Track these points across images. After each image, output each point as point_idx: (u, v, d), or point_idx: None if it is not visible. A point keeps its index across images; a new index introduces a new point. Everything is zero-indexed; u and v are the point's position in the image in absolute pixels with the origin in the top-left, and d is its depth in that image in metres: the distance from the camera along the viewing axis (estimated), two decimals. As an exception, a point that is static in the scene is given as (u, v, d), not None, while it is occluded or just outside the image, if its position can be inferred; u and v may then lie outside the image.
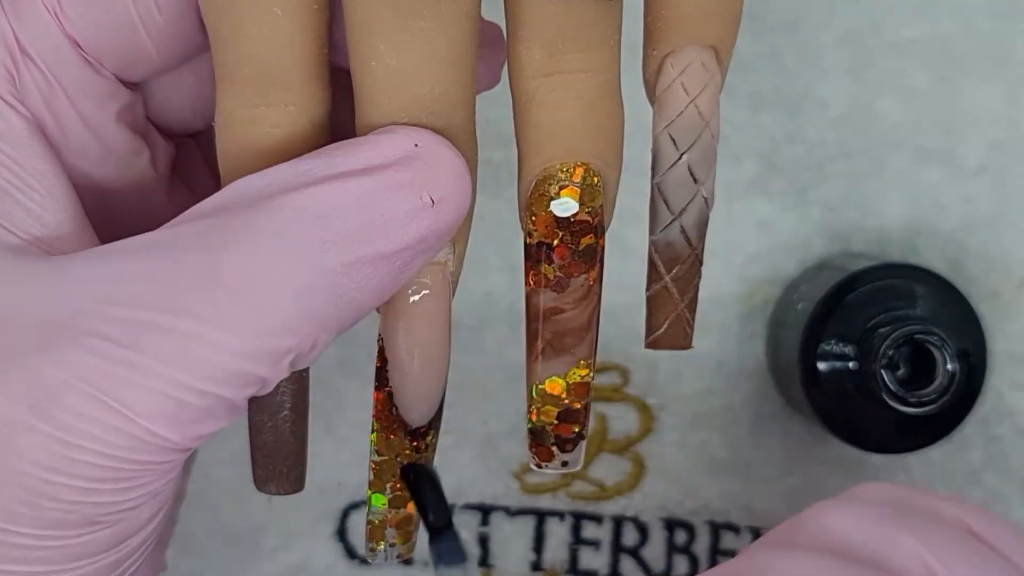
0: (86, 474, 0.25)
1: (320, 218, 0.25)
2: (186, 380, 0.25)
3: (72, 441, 0.25)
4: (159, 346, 0.25)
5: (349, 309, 0.26)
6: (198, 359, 0.25)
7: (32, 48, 0.28)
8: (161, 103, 0.32)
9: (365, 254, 0.26)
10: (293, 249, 0.25)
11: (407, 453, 0.29)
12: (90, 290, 0.26)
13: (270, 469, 0.31)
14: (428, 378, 0.28)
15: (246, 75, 0.27)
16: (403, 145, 0.26)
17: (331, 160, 0.26)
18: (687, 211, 0.28)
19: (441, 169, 0.26)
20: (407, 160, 0.26)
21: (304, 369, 0.31)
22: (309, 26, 0.27)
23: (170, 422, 0.25)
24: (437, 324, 0.28)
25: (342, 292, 0.26)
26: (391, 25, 0.26)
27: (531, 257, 0.28)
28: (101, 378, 0.25)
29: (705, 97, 0.28)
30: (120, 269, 0.26)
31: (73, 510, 0.25)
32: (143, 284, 0.25)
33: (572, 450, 0.29)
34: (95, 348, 0.25)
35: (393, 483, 0.29)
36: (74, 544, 0.26)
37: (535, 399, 0.29)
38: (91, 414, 0.25)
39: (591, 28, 0.27)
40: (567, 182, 0.27)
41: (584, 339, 0.28)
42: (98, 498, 0.26)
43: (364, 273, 0.26)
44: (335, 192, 0.26)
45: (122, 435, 0.25)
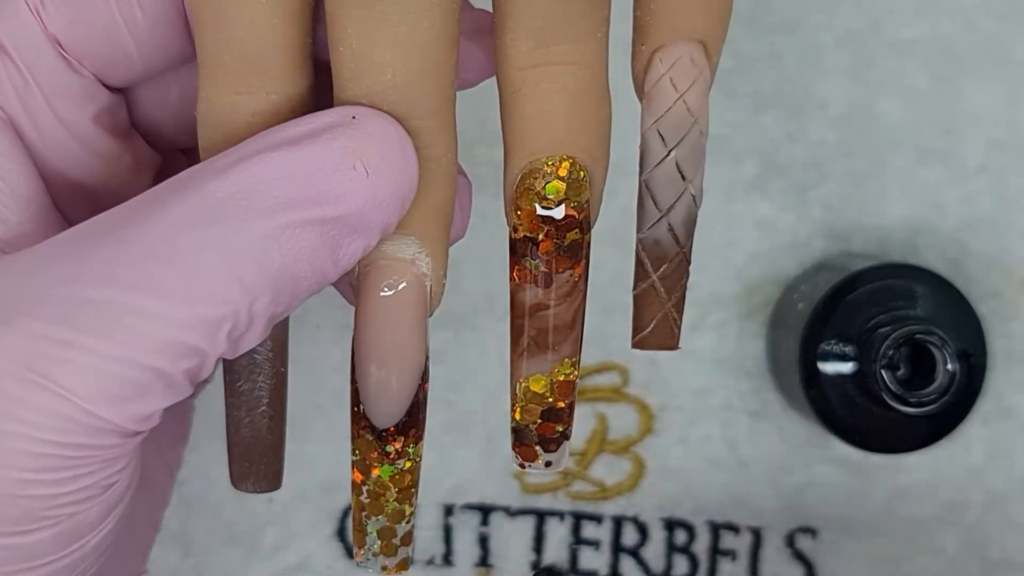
0: (23, 464, 0.25)
1: (247, 188, 0.25)
2: (120, 353, 0.24)
3: (7, 428, 0.24)
4: (91, 319, 0.24)
5: (282, 278, 0.25)
6: (132, 330, 0.24)
7: (10, 44, 0.28)
8: (147, 113, 0.32)
9: (294, 219, 0.25)
10: (221, 217, 0.25)
11: (374, 456, 0.28)
12: (26, 276, 0.25)
13: (247, 466, 0.30)
14: (388, 378, 0.28)
15: (227, 61, 0.27)
16: (339, 116, 0.26)
17: (267, 134, 0.26)
18: (675, 209, 0.28)
19: (377, 139, 0.26)
20: (340, 128, 0.26)
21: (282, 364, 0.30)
22: (292, 13, 0.27)
23: (107, 400, 0.25)
24: (401, 324, 0.27)
25: (272, 259, 0.25)
26: (358, 11, 0.26)
27: (516, 252, 0.28)
28: (34, 359, 0.24)
29: (694, 93, 0.27)
30: (57, 251, 0.26)
31: (14, 504, 0.25)
32: (76, 262, 0.25)
33: (555, 450, 0.29)
34: (28, 328, 0.24)
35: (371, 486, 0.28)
36: (18, 545, 0.25)
37: (519, 397, 0.28)
38: (24, 397, 0.24)
39: (579, 20, 0.27)
40: (553, 176, 0.27)
41: (569, 336, 0.28)
42: (38, 490, 0.25)
43: (295, 240, 0.25)
44: (266, 161, 0.25)
45: (57, 417, 0.25)
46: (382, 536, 0.29)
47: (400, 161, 0.26)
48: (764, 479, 0.49)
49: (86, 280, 0.25)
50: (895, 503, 0.49)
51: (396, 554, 0.29)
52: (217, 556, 0.49)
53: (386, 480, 0.28)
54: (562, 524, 0.49)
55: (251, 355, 0.30)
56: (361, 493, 0.28)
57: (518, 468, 0.29)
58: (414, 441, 0.28)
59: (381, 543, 0.29)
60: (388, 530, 0.29)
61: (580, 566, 0.49)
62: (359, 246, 0.26)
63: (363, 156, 0.26)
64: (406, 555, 0.29)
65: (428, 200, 0.28)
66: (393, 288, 0.27)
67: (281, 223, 0.25)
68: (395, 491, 0.28)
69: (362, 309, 0.27)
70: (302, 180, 0.25)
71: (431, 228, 0.28)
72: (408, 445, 0.28)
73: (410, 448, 0.28)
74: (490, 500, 0.49)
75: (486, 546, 0.49)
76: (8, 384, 0.24)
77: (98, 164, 0.30)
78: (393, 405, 0.28)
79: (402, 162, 0.26)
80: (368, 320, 0.27)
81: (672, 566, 0.49)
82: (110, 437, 0.25)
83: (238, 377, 0.30)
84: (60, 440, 0.25)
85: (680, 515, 0.49)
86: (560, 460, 0.29)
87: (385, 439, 0.28)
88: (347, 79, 0.27)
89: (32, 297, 0.25)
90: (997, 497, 0.49)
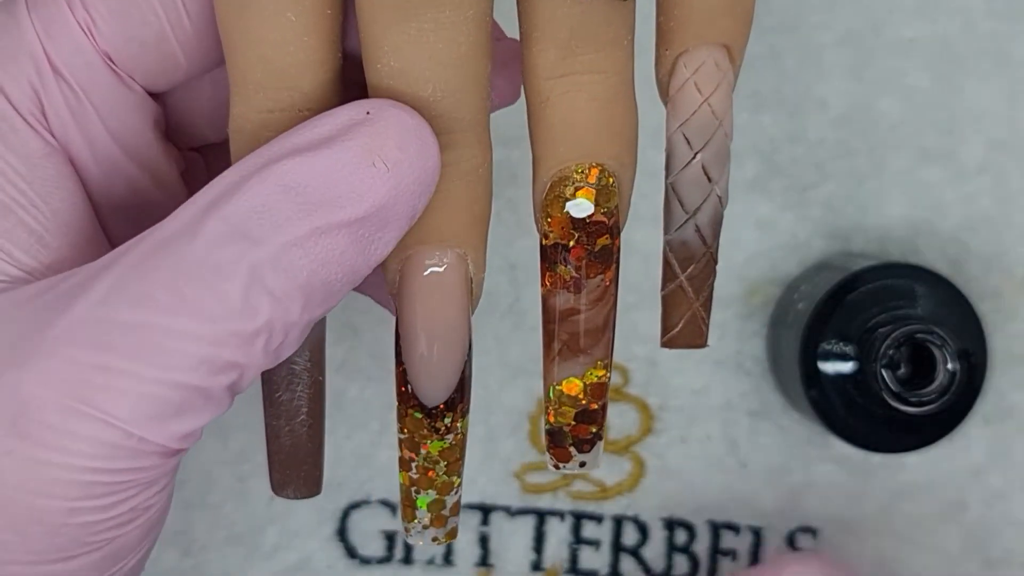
0: (69, 493, 0.25)
1: (268, 199, 0.25)
2: (158, 375, 0.25)
3: (52, 459, 0.25)
4: (128, 343, 0.25)
5: (313, 284, 0.26)
6: (167, 351, 0.25)
7: (63, 65, 0.28)
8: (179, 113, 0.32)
9: (319, 226, 0.25)
10: (244, 232, 0.25)
11: (424, 433, 0.28)
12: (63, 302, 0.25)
13: (287, 474, 0.31)
14: (436, 357, 0.28)
15: (258, 79, 0.27)
16: (353, 113, 0.26)
17: (284, 139, 0.26)
18: (701, 210, 0.28)
19: (394, 132, 0.26)
20: (355, 127, 0.26)
21: (320, 373, 0.31)
22: (323, 31, 0.27)
23: (149, 421, 0.25)
24: (448, 300, 0.28)
25: (301, 267, 0.25)
26: (395, 28, 0.26)
27: (547, 259, 0.28)
28: (74, 386, 0.24)
29: (718, 96, 0.28)
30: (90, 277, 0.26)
31: (60, 533, 0.25)
32: (110, 287, 0.25)
33: (590, 450, 0.29)
34: (66, 355, 0.25)
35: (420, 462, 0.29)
36: (61, 571, 0.26)
37: (552, 400, 0.29)
38: (68, 426, 0.24)
39: (604, 28, 0.27)
40: (582, 183, 0.27)
41: (600, 340, 0.28)
42: (85, 517, 0.25)
43: (323, 246, 0.25)
44: (284, 170, 0.25)
45: (102, 444, 0.25)
46: (432, 509, 0.29)
47: (419, 149, 0.26)
48: (764, 479, 0.49)
49: (120, 303, 0.25)
50: (895, 503, 0.49)
51: (446, 524, 0.30)
52: (217, 556, 0.48)
53: (435, 455, 0.29)
54: (562, 524, 0.49)
55: (290, 366, 0.30)
56: (410, 469, 0.29)
57: (552, 468, 0.29)
58: (462, 415, 0.29)
59: (431, 515, 0.29)
60: (438, 502, 0.29)
61: (580, 566, 0.49)
62: (389, 239, 0.26)
63: (381, 151, 0.26)
64: (455, 524, 0.30)
65: (469, 211, 0.28)
66: (437, 269, 0.27)
67: (305, 231, 0.25)
68: (444, 465, 0.29)
69: (407, 289, 0.28)
70: (322, 185, 0.25)
71: (471, 237, 0.28)
72: (457, 419, 0.29)
73: (459, 422, 0.29)
74: (490, 500, 0.49)
75: (486, 546, 0.49)
76: (50, 415, 0.24)
77: (144, 176, 0.30)
78: (443, 381, 0.28)
79: (421, 149, 0.26)
80: (415, 299, 0.28)
81: (672, 566, 0.49)
82: (153, 458, 0.26)
83: (277, 388, 0.30)
84: (105, 467, 0.25)
85: (680, 515, 0.49)
86: (595, 460, 0.29)
87: (435, 416, 0.28)
88: (386, 96, 0.27)
89: (69, 323, 0.25)
90: (997, 496, 0.49)
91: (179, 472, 0.48)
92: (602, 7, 0.27)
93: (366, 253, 0.26)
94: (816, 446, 0.49)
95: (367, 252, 0.26)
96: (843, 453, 0.49)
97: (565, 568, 0.49)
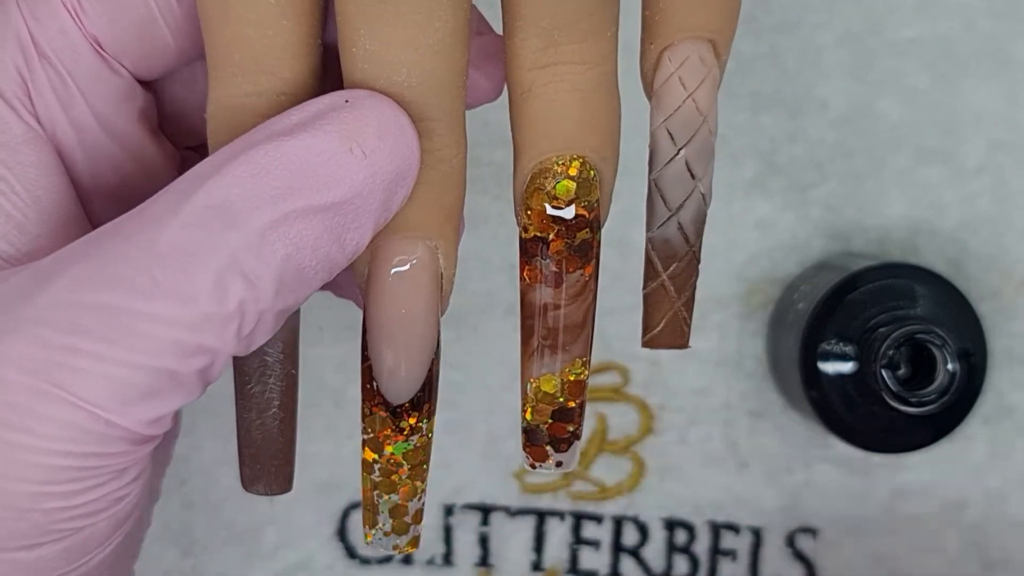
0: (35, 477, 0.24)
1: (246, 180, 0.25)
2: (129, 357, 0.24)
3: (18, 441, 0.24)
4: (100, 326, 0.24)
5: (287, 269, 0.25)
6: (138, 334, 0.24)
7: (49, 48, 0.28)
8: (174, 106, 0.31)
9: (293, 209, 0.25)
10: (219, 214, 0.25)
11: (388, 433, 0.28)
12: (36, 285, 0.25)
13: (258, 468, 0.30)
14: (402, 353, 0.28)
15: (236, 61, 0.27)
16: (332, 100, 0.26)
17: (262, 127, 0.26)
18: (684, 207, 0.28)
19: (373, 120, 0.26)
20: (334, 113, 0.26)
21: (293, 366, 0.30)
22: (302, 14, 0.27)
23: (119, 405, 0.25)
24: (414, 299, 0.27)
25: (275, 251, 0.25)
26: (372, 10, 0.26)
27: (526, 252, 0.28)
28: (44, 367, 0.24)
29: (703, 91, 0.27)
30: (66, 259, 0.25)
31: (24, 518, 0.25)
32: (84, 269, 0.25)
33: (567, 450, 0.29)
34: (36, 336, 0.24)
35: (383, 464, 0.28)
36: (24, 559, 0.25)
37: (529, 397, 0.28)
38: (36, 408, 0.24)
39: (587, 19, 0.27)
40: (563, 176, 0.27)
41: (580, 336, 0.28)
42: (51, 503, 0.25)
43: (296, 230, 0.25)
44: (261, 154, 0.25)
45: (70, 427, 0.24)
46: (394, 515, 0.29)
47: (398, 138, 0.26)
48: (764, 479, 0.49)
49: (92, 286, 0.25)
50: (895, 503, 0.49)
51: (408, 532, 0.29)
52: (217, 556, 0.49)
53: (399, 457, 0.28)
54: (562, 524, 0.49)
55: (262, 357, 0.29)
56: (372, 472, 0.28)
57: (528, 468, 0.29)
58: (428, 416, 0.28)
59: (393, 522, 0.29)
60: (400, 508, 0.29)
61: (580, 566, 0.49)
62: (365, 229, 0.26)
63: (359, 138, 0.25)
64: (417, 533, 0.29)
65: (439, 201, 0.27)
66: (405, 264, 0.27)
67: (280, 214, 0.25)
68: (408, 468, 0.28)
69: (375, 286, 0.27)
70: (298, 169, 0.25)
71: (443, 228, 0.28)
72: (422, 420, 0.28)
73: (423, 423, 0.28)
74: (490, 500, 0.49)
75: (486, 546, 0.49)
76: (18, 396, 0.24)
77: (132, 164, 0.30)
78: (408, 381, 0.28)
79: (400, 139, 0.26)
80: (381, 296, 0.27)
81: (672, 566, 0.49)
82: (122, 444, 0.25)
83: (249, 379, 0.30)
84: (73, 450, 0.25)
85: (680, 515, 0.49)
86: (571, 460, 0.29)
87: (399, 415, 0.28)
88: (360, 80, 0.27)
89: (40, 305, 0.25)
90: (997, 496, 0.49)
91: (179, 472, 0.48)
92: None
93: (341, 241, 0.26)
94: (816, 446, 0.49)
95: (342, 240, 0.26)
96: (843, 453, 0.49)
97: (565, 568, 0.49)
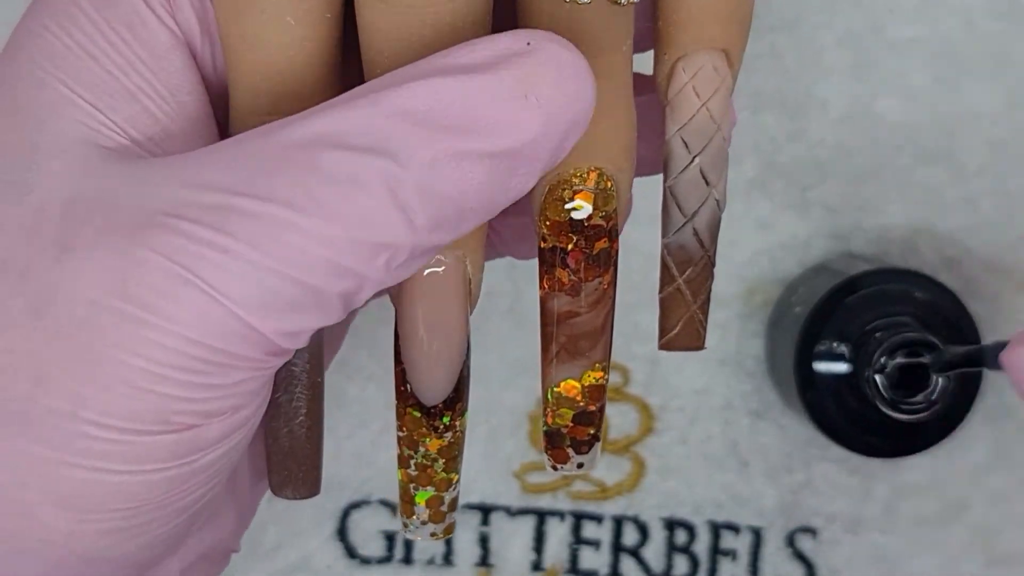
0: (160, 358, 0.24)
1: (413, 114, 0.24)
2: (277, 265, 0.24)
3: (151, 320, 0.24)
4: (250, 230, 0.24)
5: (447, 208, 0.25)
6: (289, 245, 0.24)
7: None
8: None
9: (461, 150, 0.24)
10: (384, 140, 0.24)
11: (423, 432, 0.29)
12: (184, 179, 0.25)
13: (286, 474, 0.31)
14: (435, 357, 0.28)
15: (257, 83, 0.27)
16: (513, 43, 0.25)
17: (435, 59, 0.25)
18: (699, 214, 0.28)
19: (552, 68, 0.25)
20: (514, 57, 0.25)
21: (319, 375, 0.31)
22: (322, 36, 0.27)
23: (258, 308, 0.24)
24: (446, 301, 0.28)
25: (438, 189, 0.25)
26: (394, 33, 0.26)
27: (545, 261, 0.28)
28: (185, 256, 0.24)
29: (716, 100, 0.28)
30: (215, 159, 0.25)
31: (140, 397, 0.24)
32: (236, 172, 0.25)
33: (587, 452, 0.29)
34: (184, 230, 0.24)
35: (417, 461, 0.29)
36: (136, 443, 0.25)
37: (550, 402, 0.29)
38: (176, 292, 0.24)
39: (602, 33, 0.27)
40: (581, 187, 0.27)
41: (599, 342, 0.28)
42: (166, 388, 0.24)
43: (463, 171, 0.25)
44: (432, 88, 0.25)
45: (202, 316, 0.24)
46: (430, 505, 0.29)
47: (574, 88, 0.25)
48: (764, 479, 0.49)
49: (243, 191, 0.24)
50: (896, 502, 0.49)
51: (444, 520, 0.30)
52: (217, 557, 0.49)
53: (434, 453, 0.29)
54: (562, 524, 0.49)
55: (288, 368, 0.30)
56: (408, 466, 0.29)
57: (550, 469, 0.29)
58: (460, 414, 0.29)
59: (430, 511, 0.30)
60: (436, 499, 0.29)
61: (580, 566, 0.49)
62: (531, 176, 0.26)
63: (535, 86, 0.25)
64: (452, 520, 0.30)
65: None
66: (437, 267, 0.27)
67: (448, 154, 0.24)
68: (442, 462, 0.29)
69: (407, 290, 0.27)
70: (472, 110, 0.25)
71: (469, 240, 0.28)
72: (455, 418, 0.29)
73: (457, 421, 0.29)
74: (490, 500, 0.49)
75: (486, 546, 0.49)
76: (155, 276, 0.24)
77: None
78: (442, 382, 0.28)
79: (576, 89, 0.25)
80: (414, 299, 0.28)
81: (672, 566, 0.49)
82: (252, 349, 0.25)
83: (276, 389, 0.30)
84: (202, 340, 0.24)
85: (680, 515, 0.49)
86: (592, 461, 0.29)
87: (433, 415, 0.29)
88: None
89: (188, 201, 0.24)
90: (998, 496, 0.49)
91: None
92: (600, 11, 0.26)
93: (505, 186, 0.25)
94: (816, 446, 0.49)
95: (506, 185, 0.25)
96: (843, 453, 0.49)
97: (565, 568, 0.49)
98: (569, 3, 0.26)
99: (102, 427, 0.25)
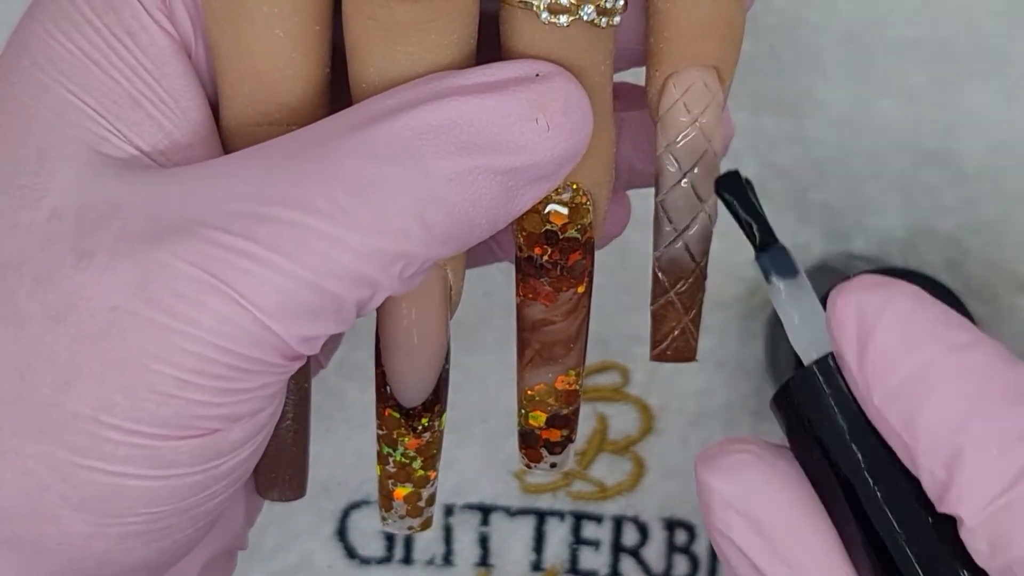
0: (184, 363, 0.25)
1: (435, 129, 0.25)
2: (299, 272, 0.25)
3: (176, 326, 0.25)
4: (274, 237, 0.25)
5: (460, 222, 0.26)
6: (314, 252, 0.25)
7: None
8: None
9: (478, 165, 0.25)
10: (409, 157, 0.25)
11: (401, 432, 0.29)
12: (204, 188, 0.25)
13: (272, 476, 0.31)
14: (414, 362, 0.29)
15: (247, 93, 0.27)
16: (523, 70, 0.26)
17: (452, 78, 0.26)
18: (690, 228, 0.29)
19: (561, 95, 0.26)
20: (525, 82, 0.26)
21: (306, 380, 0.31)
22: (312, 47, 0.27)
23: (281, 315, 0.25)
24: (426, 307, 0.28)
25: (455, 203, 0.25)
26: (380, 50, 0.26)
27: (521, 270, 0.29)
28: (214, 264, 0.24)
29: (707, 117, 0.28)
30: (235, 169, 0.26)
31: (165, 403, 0.25)
32: (259, 180, 0.25)
33: (560, 452, 0.30)
34: (208, 237, 0.25)
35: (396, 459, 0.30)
36: (161, 447, 0.25)
37: (525, 404, 0.30)
38: (200, 298, 0.24)
39: (583, 54, 0.27)
40: (557, 200, 0.28)
41: (572, 349, 0.29)
42: (192, 394, 0.25)
43: (477, 185, 0.26)
44: (452, 106, 0.26)
45: (229, 323, 0.25)
46: (408, 500, 0.30)
47: (578, 118, 0.27)
48: (764, 479, 0.49)
49: (269, 199, 0.25)
50: (894, 503, 0.49)
51: (422, 515, 0.31)
52: (218, 557, 0.49)
53: (412, 451, 0.30)
54: (562, 524, 0.49)
55: None
56: (387, 463, 0.30)
57: (524, 467, 0.30)
58: (438, 415, 0.30)
59: (407, 507, 0.30)
60: (414, 494, 0.30)
61: (580, 566, 0.49)
62: (532, 196, 0.27)
63: (546, 111, 0.26)
64: (430, 515, 0.31)
65: None
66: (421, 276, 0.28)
67: (466, 167, 0.25)
68: (421, 460, 0.30)
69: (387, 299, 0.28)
70: (489, 127, 0.26)
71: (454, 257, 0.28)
72: (433, 419, 0.29)
73: (435, 422, 0.29)
74: (490, 500, 0.49)
75: (486, 546, 0.49)
76: (182, 283, 0.25)
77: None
78: (420, 386, 0.29)
79: (580, 119, 0.27)
80: (397, 305, 0.28)
81: (672, 566, 0.49)
82: (274, 354, 0.26)
83: None
84: (227, 346, 0.25)
85: (680, 515, 0.49)
86: (565, 461, 0.30)
87: (412, 416, 0.29)
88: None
89: (211, 208, 0.25)
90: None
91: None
92: (581, 32, 0.27)
93: (509, 204, 0.27)
94: (815, 446, 0.49)
95: (510, 204, 0.27)
96: (842, 454, 0.49)
97: (565, 568, 0.49)
98: (548, 24, 0.27)
99: (126, 432, 0.25)
